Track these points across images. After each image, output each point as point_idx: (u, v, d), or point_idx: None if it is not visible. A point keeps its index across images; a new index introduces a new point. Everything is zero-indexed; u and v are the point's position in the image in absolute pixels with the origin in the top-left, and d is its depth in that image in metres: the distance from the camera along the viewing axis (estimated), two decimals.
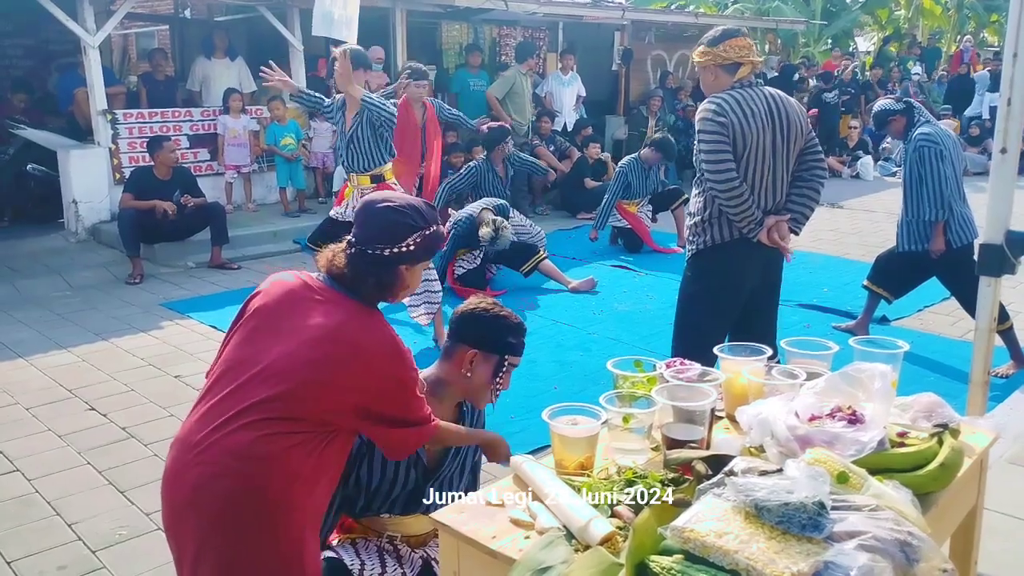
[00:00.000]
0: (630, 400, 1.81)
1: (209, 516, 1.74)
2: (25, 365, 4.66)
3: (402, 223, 1.90)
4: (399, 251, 1.88)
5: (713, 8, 19.42)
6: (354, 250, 1.90)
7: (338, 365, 1.79)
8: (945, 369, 4.43)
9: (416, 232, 1.90)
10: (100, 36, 7.40)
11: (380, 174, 4.83)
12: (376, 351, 1.83)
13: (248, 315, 1.99)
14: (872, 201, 10.04)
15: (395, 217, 1.90)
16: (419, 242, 1.90)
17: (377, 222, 1.91)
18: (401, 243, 1.88)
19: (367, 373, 1.81)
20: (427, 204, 2.00)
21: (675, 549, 1.33)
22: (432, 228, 1.94)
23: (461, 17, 10.59)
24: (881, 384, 1.65)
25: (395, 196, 2.01)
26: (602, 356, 2.08)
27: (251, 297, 2.04)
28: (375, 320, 1.90)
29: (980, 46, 19.11)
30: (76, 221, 7.47)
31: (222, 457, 1.74)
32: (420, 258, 1.94)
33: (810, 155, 3.25)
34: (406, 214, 1.91)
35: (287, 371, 1.79)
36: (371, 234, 1.90)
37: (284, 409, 1.76)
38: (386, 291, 1.93)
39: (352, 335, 1.83)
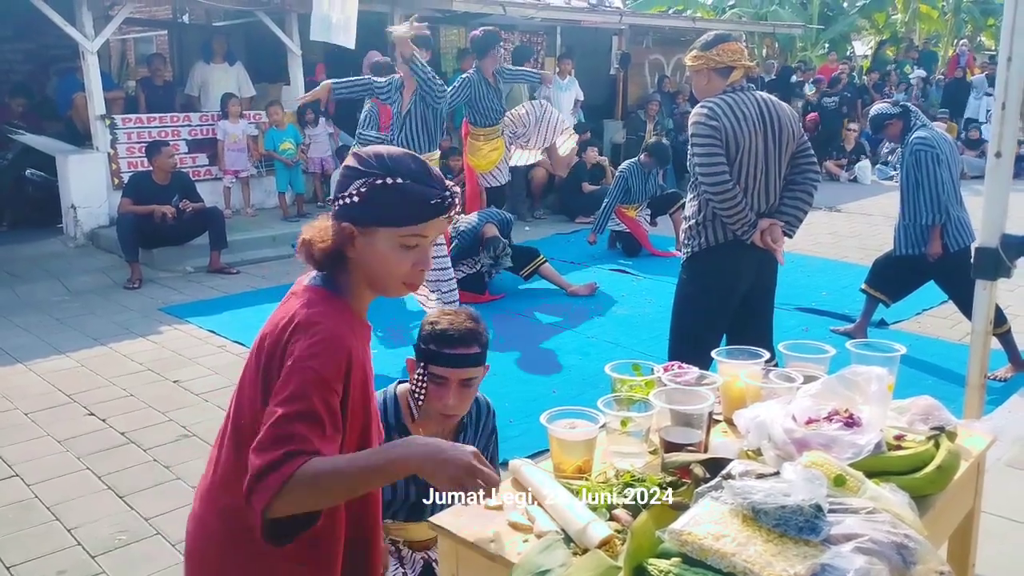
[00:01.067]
0: (628, 404, 1.82)
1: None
2: (24, 370, 4.66)
3: (350, 167, 1.53)
4: (343, 202, 1.51)
5: (711, 12, 19.46)
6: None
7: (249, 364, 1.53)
8: (943, 372, 4.44)
9: (362, 178, 1.50)
10: (99, 41, 7.42)
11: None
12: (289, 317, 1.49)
13: None
14: (870, 205, 10.06)
15: (348, 163, 1.55)
16: (365, 192, 1.48)
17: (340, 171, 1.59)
18: (344, 191, 1.51)
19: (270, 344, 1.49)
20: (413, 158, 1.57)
21: (673, 552, 1.34)
22: (390, 179, 1.49)
23: (459, 21, 10.61)
24: (877, 387, 1.65)
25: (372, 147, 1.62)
26: (601, 360, 2.08)
27: None
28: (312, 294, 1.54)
29: (977, 50, 19.17)
30: (75, 226, 7.47)
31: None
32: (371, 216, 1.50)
33: (802, 158, 3.29)
34: (363, 160, 1.54)
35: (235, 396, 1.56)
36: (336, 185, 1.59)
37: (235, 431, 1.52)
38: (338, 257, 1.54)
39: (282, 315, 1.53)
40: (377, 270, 1.55)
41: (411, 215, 1.51)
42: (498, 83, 6.49)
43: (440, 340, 2.02)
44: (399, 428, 2.13)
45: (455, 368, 2.01)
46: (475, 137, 6.52)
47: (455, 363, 2.01)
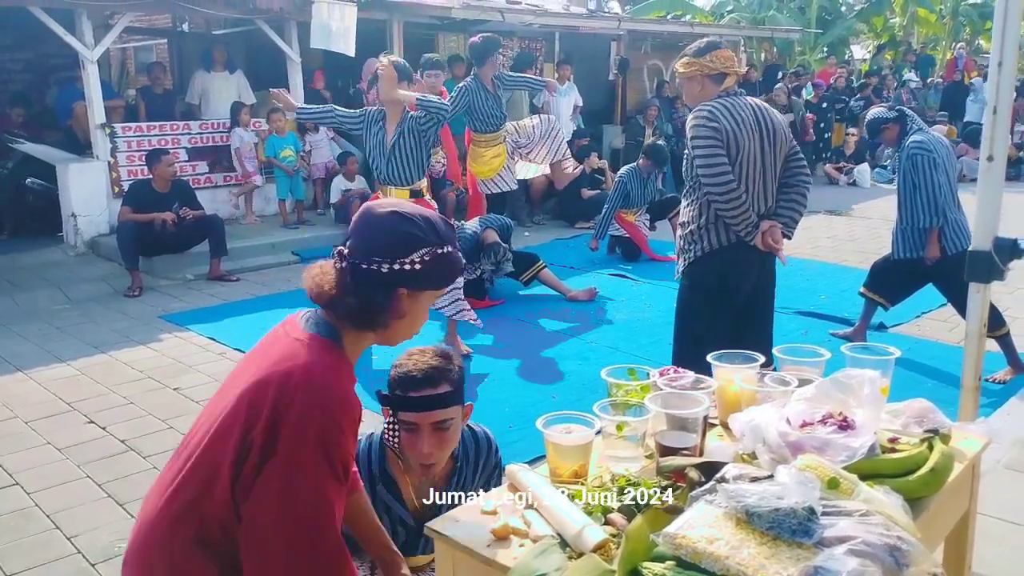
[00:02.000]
0: (624, 408, 1.83)
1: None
2: (24, 378, 4.67)
3: (409, 233, 1.52)
4: (401, 268, 1.50)
5: (709, 18, 19.52)
6: (345, 263, 1.53)
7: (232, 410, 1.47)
8: (942, 375, 4.44)
9: (426, 247, 1.52)
10: (98, 50, 7.45)
11: (419, 189, 4.77)
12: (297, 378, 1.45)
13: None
14: (869, 208, 10.07)
15: (401, 226, 1.53)
16: (428, 261, 1.51)
17: (378, 230, 1.54)
18: (404, 257, 1.51)
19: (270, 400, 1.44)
20: (445, 221, 1.62)
21: (667, 556, 1.35)
22: (447, 248, 1.56)
23: (458, 28, 10.64)
24: (870, 390, 1.66)
25: (405, 203, 1.64)
26: (600, 365, 2.08)
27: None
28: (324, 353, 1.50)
29: (975, 53, 19.19)
30: (75, 234, 7.49)
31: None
32: (427, 283, 1.55)
33: (794, 162, 3.35)
34: (416, 223, 1.54)
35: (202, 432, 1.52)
36: (369, 244, 1.53)
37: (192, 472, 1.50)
38: (374, 317, 1.53)
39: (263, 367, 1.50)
40: (407, 328, 1.62)
41: (452, 278, 1.63)
42: (497, 89, 6.48)
43: (404, 383, 1.89)
44: (384, 478, 2.03)
45: (423, 412, 1.88)
46: (477, 144, 6.54)
47: (422, 406, 1.88)
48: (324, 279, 1.56)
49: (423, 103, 4.60)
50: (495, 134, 6.44)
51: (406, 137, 4.66)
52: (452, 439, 1.96)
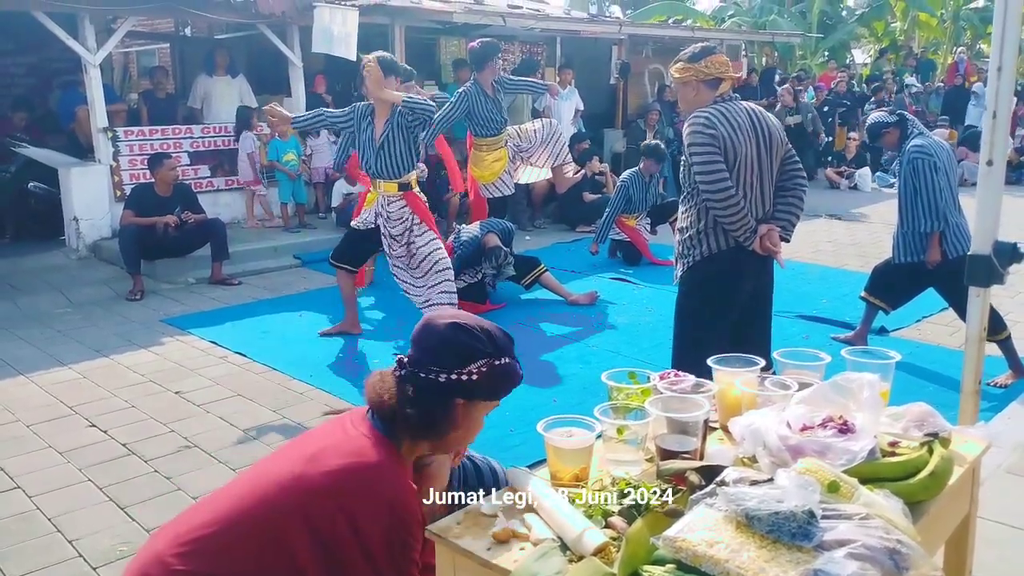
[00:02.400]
0: (624, 412, 1.83)
1: None
2: (26, 382, 4.67)
3: (468, 345, 1.60)
4: (458, 378, 1.57)
5: (710, 22, 19.55)
6: (404, 372, 1.61)
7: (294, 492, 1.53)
8: (943, 379, 4.44)
9: (483, 359, 1.59)
10: (101, 54, 7.47)
11: (407, 182, 4.85)
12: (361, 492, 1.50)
13: None
14: (870, 212, 10.08)
15: (461, 337, 1.60)
16: (485, 372, 1.58)
17: (437, 340, 1.61)
18: (462, 368, 1.58)
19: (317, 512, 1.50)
20: (504, 333, 1.70)
21: (667, 559, 1.35)
22: (504, 360, 1.62)
23: (459, 33, 10.67)
24: (870, 393, 1.67)
25: (464, 315, 1.71)
26: (602, 368, 2.08)
27: None
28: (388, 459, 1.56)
29: (976, 57, 19.22)
30: (77, 238, 7.51)
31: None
32: (483, 394, 1.61)
33: (790, 166, 3.37)
34: (475, 336, 1.62)
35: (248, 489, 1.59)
36: (427, 355, 1.60)
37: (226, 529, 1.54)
38: (432, 427, 1.59)
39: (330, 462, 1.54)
40: (462, 437, 1.68)
41: (509, 389, 1.68)
42: (498, 94, 6.49)
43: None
44: None
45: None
46: (478, 148, 6.56)
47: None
48: (384, 388, 1.63)
49: (409, 103, 4.64)
50: (496, 138, 6.45)
51: (394, 132, 4.72)
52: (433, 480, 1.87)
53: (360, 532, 1.50)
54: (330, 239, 7.77)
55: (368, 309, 6.14)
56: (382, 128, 4.74)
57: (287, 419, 4.13)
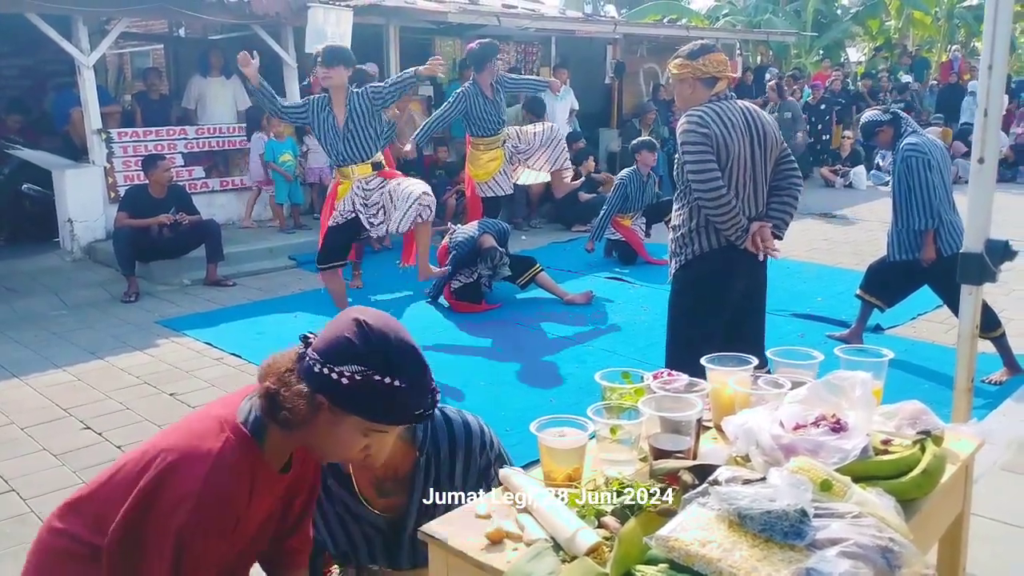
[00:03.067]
0: (618, 412, 1.83)
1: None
2: (20, 384, 4.66)
3: (352, 344, 1.45)
4: (328, 373, 1.43)
5: (704, 21, 19.57)
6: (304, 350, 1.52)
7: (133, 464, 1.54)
8: (938, 376, 4.45)
9: (360, 365, 1.43)
10: (95, 56, 7.45)
11: (379, 160, 4.85)
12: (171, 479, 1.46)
13: None
14: (865, 210, 10.09)
15: (351, 334, 1.46)
16: (357, 381, 1.42)
17: (331, 331, 1.50)
18: (336, 365, 1.43)
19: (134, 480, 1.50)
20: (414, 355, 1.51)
21: (660, 558, 1.35)
22: (391, 382, 1.44)
23: (454, 33, 10.67)
24: (862, 392, 1.67)
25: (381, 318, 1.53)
26: (598, 368, 2.07)
27: None
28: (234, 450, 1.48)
29: (970, 56, 19.26)
30: (71, 240, 7.49)
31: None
32: (351, 405, 1.45)
33: (785, 164, 3.37)
34: (367, 340, 1.46)
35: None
36: (321, 340, 1.49)
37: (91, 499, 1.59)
38: (276, 409, 1.47)
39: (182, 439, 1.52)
40: (326, 447, 1.55)
41: (390, 417, 1.50)
42: (497, 94, 6.48)
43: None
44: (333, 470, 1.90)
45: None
46: (475, 147, 6.56)
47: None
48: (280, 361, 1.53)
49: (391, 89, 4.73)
50: (493, 138, 6.45)
51: (356, 114, 4.73)
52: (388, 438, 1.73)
53: (155, 520, 1.45)
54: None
55: (369, 306, 6.13)
56: (343, 114, 4.73)
57: None
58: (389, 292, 6.46)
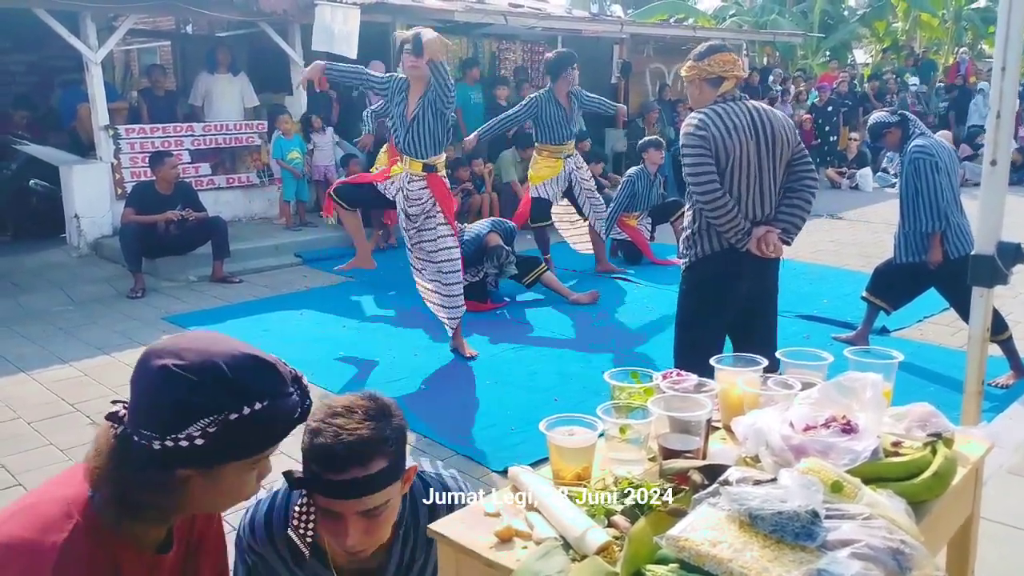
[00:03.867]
0: (627, 411, 1.82)
1: None
2: (27, 379, 4.68)
3: (182, 401, 1.16)
4: (175, 444, 1.15)
5: (711, 21, 19.55)
6: (119, 430, 1.23)
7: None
8: (945, 379, 4.44)
9: (209, 416, 1.16)
10: (102, 52, 7.47)
11: (433, 164, 4.75)
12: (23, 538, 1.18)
13: None
14: (871, 212, 10.08)
15: (171, 390, 1.17)
16: (212, 433, 1.16)
17: (148, 392, 1.20)
18: (178, 432, 1.16)
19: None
20: (258, 364, 1.24)
21: (671, 558, 1.34)
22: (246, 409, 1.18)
23: (461, 31, 10.66)
24: (872, 393, 1.66)
25: (191, 350, 1.21)
26: (602, 368, 2.07)
27: None
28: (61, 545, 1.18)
29: (978, 58, 19.21)
30: (78, 236, 7.51)
31: None
32: (223, 456, 1.20)
33: (799, 166, 3.30)
34: (192, 386, 1.17)
35: None
36: (140, 411, 1.21)
37: None
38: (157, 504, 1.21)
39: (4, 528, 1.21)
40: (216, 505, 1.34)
41: (270, 441, 1.27)
42: (572, 104, 6.54)
43: (324, 461, 1.45)
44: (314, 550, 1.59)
45: (349, 500, 1.47)
46: (538, 152, 6.67)
47: (347, 493, 1.46)
48: (99, 444, 1.25)
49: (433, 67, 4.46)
50: (557, 147, 6.51)
51: (425, 110, 4.63)
52: (387, 522, 1.57)
53: None
54: (331, 237, 7.79)
55: (368, 305, 6.14)
56: (415, 104, 4.67)
57: None
58: (396, 288, 6.47)
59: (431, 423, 4.03)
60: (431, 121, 4.64)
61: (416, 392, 4.45)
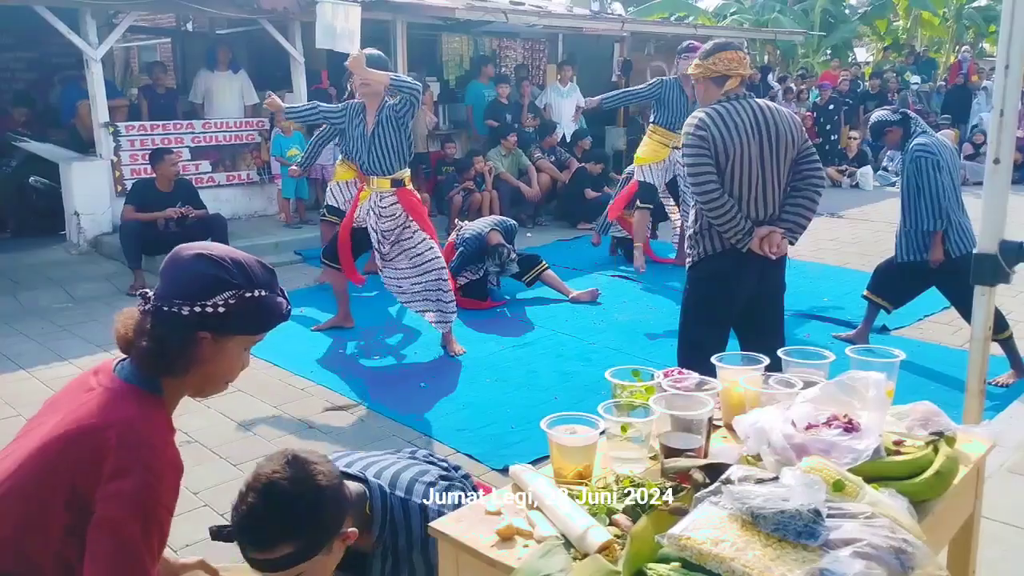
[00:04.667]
0: (628, 409, 1.82)
1: None
2: (27, 377, 4.67)
3: (212, 276, 1.50)
4: (202, 310, 1.48)
5: (712, 20, 19.53)
6: (148, 306, 1.52)
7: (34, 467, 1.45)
8: (945, 378, 4.44)
9: (231, 291, 1.51)
10: (102, 49, 7.45)
11: (400, 179, 4.79)
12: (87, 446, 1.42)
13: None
14: (872, 211, 10.07)
15: (205, 268, 1.51)
16: (233, 304, 1.50)
17: (181, 271, 1.52)
18: (206, 300, 1.49)
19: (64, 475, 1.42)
20: (263, 265, 1.60)
21: (672, 557, 1.34)
22: (258, 292, 1.54)
23: (461, 29, 10.66)
24: (875, 392, 1.66)
25: (215, 246, 1.60)
26: (603, 366, 2.07)
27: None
28: (131, 405, 1.49)
29: (979, 56, 19.19)
30: (78, 233, 7.50)
31: None
32: (235, 328, 1.53)
33: (806, 164, 3.26)
34: (222, 266, 1.52)
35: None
36: (172, 287, 1.51)
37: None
38: (171, 362, 1.50)
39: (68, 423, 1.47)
40: (218, 373, 1.59)
41: (266, 324, 1.58)
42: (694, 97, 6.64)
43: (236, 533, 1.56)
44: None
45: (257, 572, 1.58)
46: (650, 134, 6.79)
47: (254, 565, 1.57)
48: (127, 323, 1.56)
49: (396, 82, 4.57)
50: (671, 133, 6.56)
51: (384, 126, 4.68)
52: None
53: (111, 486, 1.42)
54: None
55: (368, 304, 6.13)
56: (373, 121, 4.71)
57: (288, 414, 4.13)
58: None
59: (431, 421, 4.03)
60: (392, 134, 4.69)
61: (415, 390, 4.45)
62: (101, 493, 1.41)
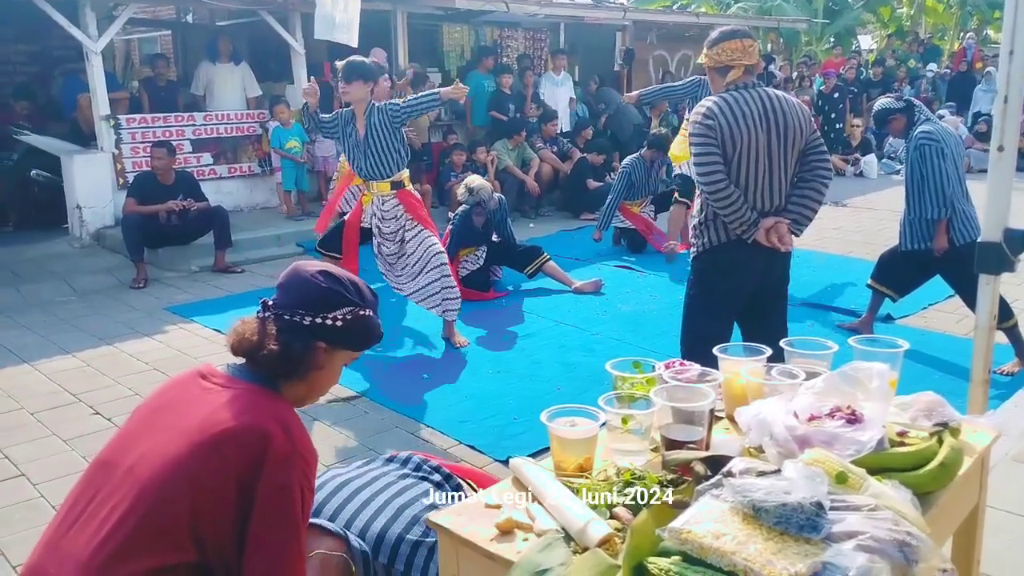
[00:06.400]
0: (629, 401, 1.81)
1: None
2: (30, 370, 4.68)
3: (335, 292, 1.69)
4: (323, 322, 1.65)
5: (715, 8, 19.42)
6: (269, 314, 1.67)
7: (202, 457, 1.51)
8: (950, 367, 4.42)
9: (349, 307, 1.69)
10: (103, 42, 7.43)
11: (399, 180, 4.79)
12: (254, 436, 1.53)
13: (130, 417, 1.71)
14: (876, 199, 10.03)
15: (329, 285, 1.69)
16: (349, 320, 1.67)
17: (305, 288, 1.69)
18: (328, 313, 1.66)
19: (235, 463, 1.51)
20: (370, 289, 1.79)
21: (673, 550, 1.33)
22: (368, 312, 1.71)
23: (462, 19, 10.61)
24: (879, 383, 1.64)
25: (335, 268, 1.78)
26: (606, 357, 2.05)
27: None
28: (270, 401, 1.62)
29: (983, 43, 19.06)
30: (80, 226, 7.50)
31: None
32: (345, 342, 1.70)
33: (813, 155, 3.21)
34: (343, 284, 1.70)
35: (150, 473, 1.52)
36: (295, 298, 1.68)
37: (146, 521, 1.48)
38: (293, 366, 1.64)
39: (227, 416, 1.56)
40: (323, 384, 1.75)
41: (368, 341, 1.76)
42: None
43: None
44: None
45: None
46: (684, 130, 6.72)
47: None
48: (247, 329, 1.68)
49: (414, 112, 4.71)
50: None
51: (376, 129, 4.67)
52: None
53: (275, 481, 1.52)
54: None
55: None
56: (363, 126, 4.71)
57: None
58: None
59: (433, 413, 4.02)
60: (384, 136, 4.68)
61: (418, 382, 4.44)
62: (266, 482, 1.51)
